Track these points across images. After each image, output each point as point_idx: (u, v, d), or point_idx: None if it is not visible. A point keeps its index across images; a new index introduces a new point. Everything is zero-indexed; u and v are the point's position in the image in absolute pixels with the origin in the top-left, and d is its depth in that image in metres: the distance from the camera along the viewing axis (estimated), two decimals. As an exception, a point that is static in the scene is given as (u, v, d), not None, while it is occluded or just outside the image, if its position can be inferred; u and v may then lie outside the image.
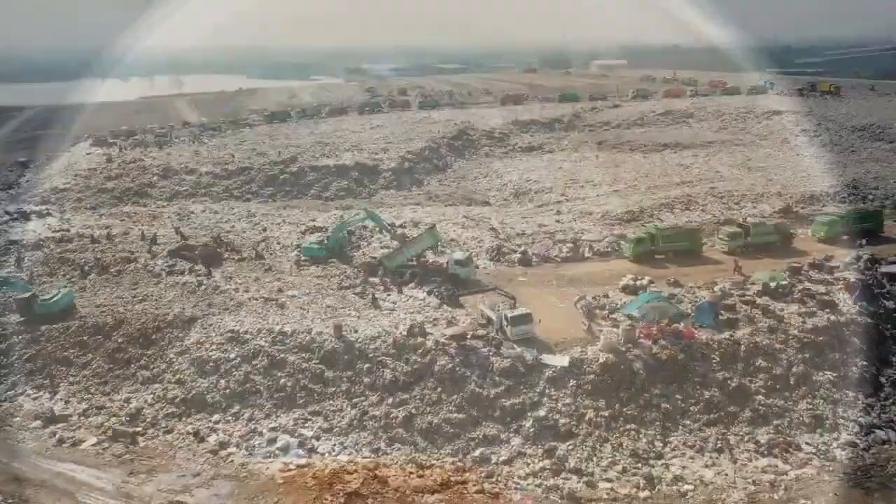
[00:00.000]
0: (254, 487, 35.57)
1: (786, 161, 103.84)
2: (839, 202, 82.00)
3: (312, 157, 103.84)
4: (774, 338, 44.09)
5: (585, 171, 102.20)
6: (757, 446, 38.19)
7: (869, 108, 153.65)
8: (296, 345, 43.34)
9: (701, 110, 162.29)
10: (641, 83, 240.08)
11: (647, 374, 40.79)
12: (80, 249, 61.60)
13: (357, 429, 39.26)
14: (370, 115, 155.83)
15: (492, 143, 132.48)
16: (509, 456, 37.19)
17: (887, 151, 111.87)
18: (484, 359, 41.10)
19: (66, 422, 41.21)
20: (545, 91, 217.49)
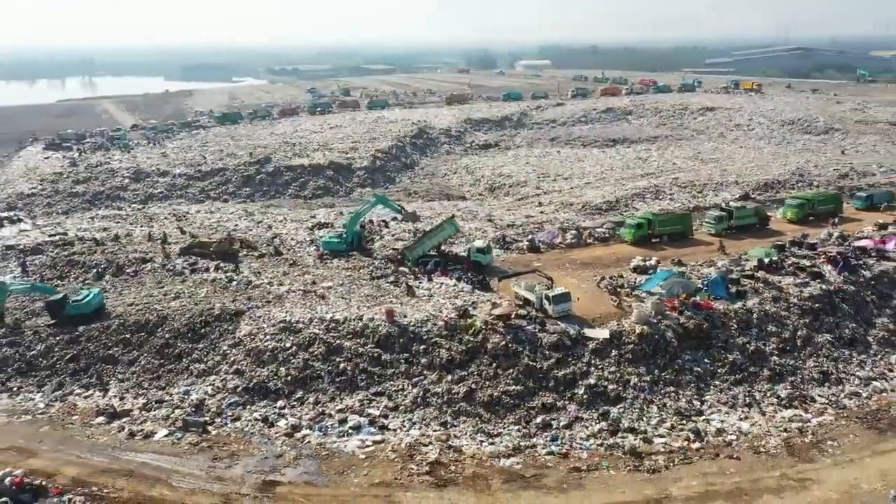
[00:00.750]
0: (339, 464, 37.54)
1: (733, 153, 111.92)
2: (789, 188, 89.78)
3: (285, 157, 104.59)
4: (779, 306, 49.39)
5: (552, 165, 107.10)
6: (779, 400, 43.00)
7: (791, 103, 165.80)
8: (349, 331, 45.32)
9: (639, 107, 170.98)
10: (574, 82, 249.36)
11: (678, 342, 45.10)
12: (88, 252, 61.08)
13: (422, 406, 41.67)
14: (323, 116, 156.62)
15: (450, 141, 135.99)
16: (568, 421, 40.51)
17: (817, 143, 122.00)
18: (532, 335, 44.34)
19: (129, 416, 41.80)
20: (487, 91, 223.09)
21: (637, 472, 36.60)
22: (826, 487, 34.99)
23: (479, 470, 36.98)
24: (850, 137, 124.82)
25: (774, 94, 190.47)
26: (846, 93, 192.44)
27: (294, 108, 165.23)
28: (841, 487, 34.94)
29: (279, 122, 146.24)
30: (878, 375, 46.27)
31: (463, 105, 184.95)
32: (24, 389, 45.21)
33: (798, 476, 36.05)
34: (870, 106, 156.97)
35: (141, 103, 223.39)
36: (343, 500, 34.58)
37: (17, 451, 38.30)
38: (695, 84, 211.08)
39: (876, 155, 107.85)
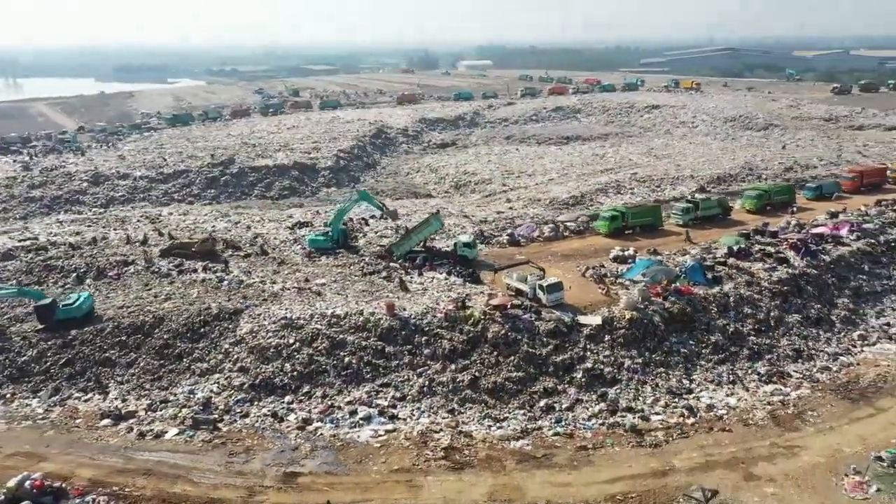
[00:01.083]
0: (355, 453, 38.51)
1: (684, 149, 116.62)
2: (740, 181, 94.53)
3: (248, 158, 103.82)
4: (752, 290, 52.71)
5: (514, 163, 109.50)
6: (759, 376, 46.09)
7: (731, 101, 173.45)
8: (351, 325, 46.23)
9: (587, 106, 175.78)
10: (520, 82, 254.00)
11: (664, 326, 47.74)
12: (65, 256, 59.86)
13: (428, 395, 42.97)
14: (277, 117, 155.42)
15: (408, 141, 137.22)
16: (570, 403, 42.50)
17: (759, 138, 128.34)
18: (529, 323, 46.21)
19: (135, 418, 41.69)
20: (436, 91, 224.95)
21: (640, 448, 38.83)
22: (813, 453, 37.95)
23: (492, 452, 38.56)
24: (788, 133, 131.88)
25: (713, 93, 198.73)
26: (779, 91, 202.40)
27: (245, 109, 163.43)
28: (826, 452, 37.95)
29: (233, 123, 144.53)
30: (843, 351, 49.94)
31: (414, 105, 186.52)
32: (18, 396, 44.47)
33: (786, 444, 38.95)
34: (803, 103, 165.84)
35: (78, 105, 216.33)
36: (366, 486, 35.59)
37: (26, 457, 37.88)
38: (638, 83, 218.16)
39: (815, 149, 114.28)
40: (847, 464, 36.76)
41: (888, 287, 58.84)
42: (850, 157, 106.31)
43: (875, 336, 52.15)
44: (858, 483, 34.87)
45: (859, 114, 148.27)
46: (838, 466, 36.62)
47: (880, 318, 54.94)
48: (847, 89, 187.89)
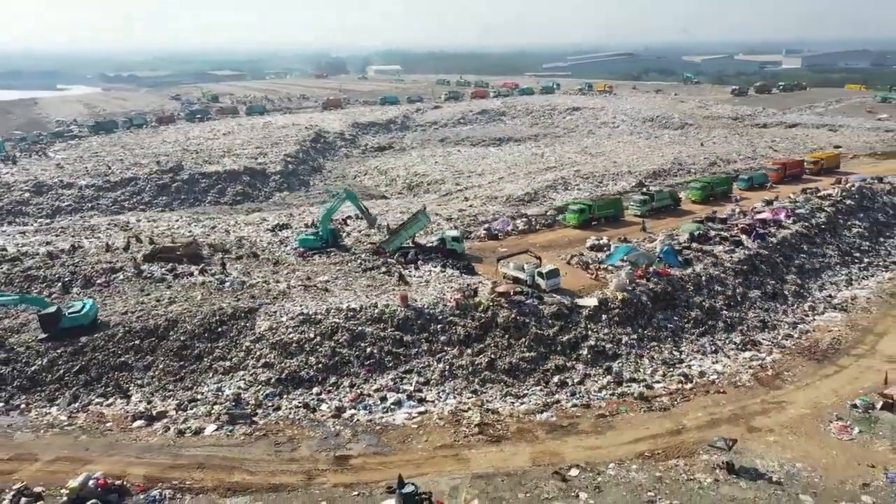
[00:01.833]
0: (396, 435, 40.75)
1: (615, 147, 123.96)
2: (672, 176, 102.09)
3: (196, 164, 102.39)
4: (718, 270, 58.48)
5: (460, 163, 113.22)
6: (735, 345, 51.60)
7: (644, 102, 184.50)
8: (368, 318, 48.25)
9: (511, 108, 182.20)
10: (439, 86, 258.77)
11: (651, 305, 52.51)
12: (44, 266, 58.39)
13: (450, 378, 45.69)
14: (207, 123, 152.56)
15: (346, 145, 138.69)
16: (580, 378, 46.34)
17: (678, 136, 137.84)
18: (534, 307, 49.76)
19: (167, 417, 42.19)
20: (356, 95, 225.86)
21: (651, 412, 43.09)
22: (798, 406, 43.40)
23: (522, 425, 41.78)
24: (703, 131, 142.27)
25: (625, 95, 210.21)
26: (683, 93, 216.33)
27: (170, 116, 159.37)
28: (808, 405, 43.50)
29: (163, 130, 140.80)
30: (799, 321, 56.39)
31: (341, 110, 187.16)
32: (34, 405, 43.82)
33: (774, 400, 44.30)
34: (709, 104, 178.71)
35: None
36: (417, 462, 37.95)
37: (69, 461, 37.85)
38: (554, 87, 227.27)
39: (730, 145, 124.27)
40: (829, 412, 42.38)
41: (824, 264, 66.37)
42: (763, 152, 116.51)
43: (822, 307, 59.03)
44: (843, 427, 40.44)
45: (761, 113, 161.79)
46: (822, 415, 42.17)
47: (823, 290, 62.09)
48: (745, 91, 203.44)
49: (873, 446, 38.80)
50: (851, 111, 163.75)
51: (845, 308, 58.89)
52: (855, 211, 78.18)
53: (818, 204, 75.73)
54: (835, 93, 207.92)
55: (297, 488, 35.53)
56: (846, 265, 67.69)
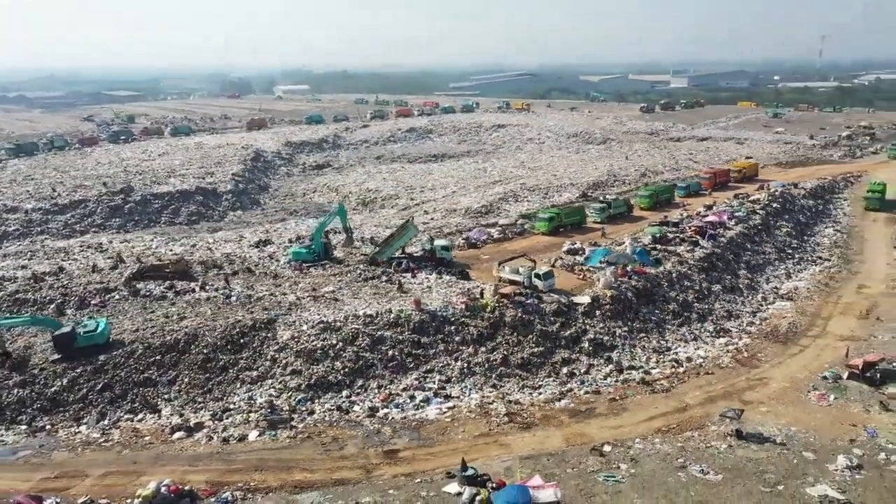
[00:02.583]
0: (433, 428, 43.33)
1: (550, 161, 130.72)
2: (609, 186, 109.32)
3: (145, 185, 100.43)
4: (684, 267, 64.53)
5: (408, 179, 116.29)
6: (710, 333, 57.42)
7: (563, 119, 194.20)
8: (385, 323, 50.57)
9: (438, 126, 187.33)
10: (358, 105, 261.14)
11: (636, 300, 57.60)
12: (32, 289, 57.05)
13: (469, 375, 48.69)
14: (135, 144, 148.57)
15: (285, 163, 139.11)
16: (586, 368, 50.50)
17: (604, 150, 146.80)
18: (535, 306, 53.66)
19: (206, 427, 42.96)
20: (277, 115, 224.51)
21: (655, 394, 47.72)
22: (778, 380, 49.27)
23: (545, 413, 45.34)
24: (625, 145, 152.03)
25: (542, 112, 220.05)
26: (596, 110, 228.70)
27: (93, 138, 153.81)
28: (786, 379, 49.45)
29: (90, 152, 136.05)
30: (756, 310, 63.14)
31: (266, 129, 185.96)
32: (60, 425, 43.45)
33: (756, 378, 50.02)
34: (623, 120, 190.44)
35: None
36: (462, 451, 40.58)
37: (122, 474, 38.16)
38: (473, 105, 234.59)
39: (653, 158, 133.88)
40: (805, 384, 48.46)
41: (766, 260, 74.08)
42: (685, 164, 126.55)
43: (771, 297, 66.21)
44: (821, 395, 46.47)
45: (672, 128, 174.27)
46: (800, 387, 48.16)
47: (769, 283, 69.51)
48: (652, 108, 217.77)
49: (849, 409, 44.92)
50: (750, 126, 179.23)
51: (791, 297, 66.29)
52: (781, 213, 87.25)
53: (751, 207, 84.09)
54: (730, 109, 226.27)
55: (360, 481, 37.48)
56: (782, 260, 75.78)
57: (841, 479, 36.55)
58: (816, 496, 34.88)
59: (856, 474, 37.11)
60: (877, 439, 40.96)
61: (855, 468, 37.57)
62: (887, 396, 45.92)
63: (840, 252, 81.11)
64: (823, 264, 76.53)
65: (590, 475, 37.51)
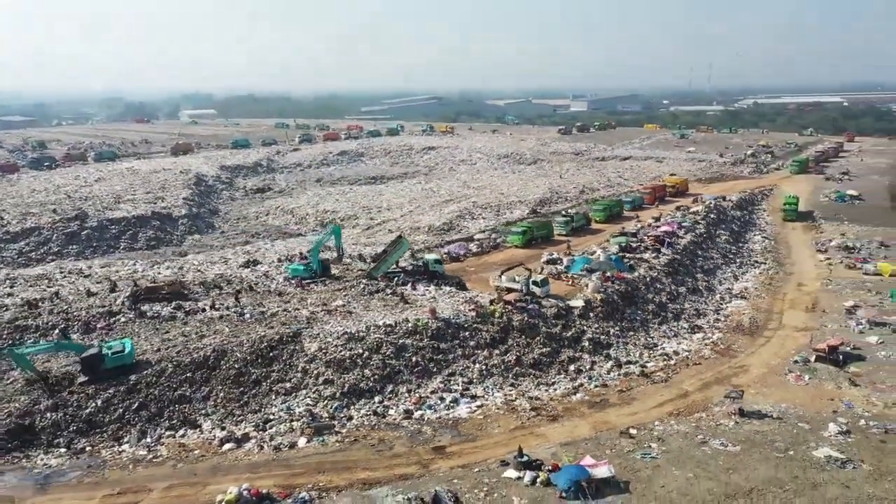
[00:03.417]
0: (468, 426, 46.29)
1: (491, 181, 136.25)
2: (554, 203, 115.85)
3: (98, 212, 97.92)
4: (654, 272, 70.66)
5: (362, 200, 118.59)
6: (686, 330, 63.45)
7: (490, 141, 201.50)
8: (405, 331, 53.21)
9: (369, 150, 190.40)
10: (278, 129, 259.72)
11: (622, 302, 62.90)
12: (31, 316, 55.84)
13: (487, 376, 52.11)
14: (60, 170, 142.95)
15: (226, 187, 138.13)
16: (589, 365, 55.03)
17: (537, 169, 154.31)
18: (537, 311, 57.85)
19: (253, 438, 44.17)
20: (196, 139, 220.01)
21: (656, 384, 52.74)
22: (756, 367, 55.49)
23: (566, 406, 49.33)
24: (555, 165, 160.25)
25: (466, 135, 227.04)
26: (516, 133, 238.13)
27: (13, 165, 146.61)
28: (764, 365, 55.78)
29: (17, 179, 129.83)
30: (717, 308, 69.96)
31: (192, 154, 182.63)
32: (101, 446, 43.49)
33: (738, 365, 56.10)
34: (547, 142, 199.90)
35: None
36: (504, 442, 43.93)
37: (187, 486, 38.93)
38: (399, 129, 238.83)
39: (585, 176, 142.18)
40: (780, 368, 54.89)
41: (715, 264, 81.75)
42: (617, 181, 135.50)
43: (727, 297, 73.39)
44: (797, 376, 52.91)
45: (594, 148, 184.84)
46: (777, 371, 54.54)
47: (722, 284, 76.89)
48: (570, 130, 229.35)
49: (824, 387, 51.49)
50: (663, 145, 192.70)
51: (744, 296, 73.76)
52: (718, 223, 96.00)
53: (694, 218, 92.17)
54: (639, 131, 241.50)
55: (422, 475, 39.95)
56: (727, 264, 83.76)
57: (836, 443, 42.35)
58: (822, 457, 40.39)
59: (847, 438, 43.04)
60: (854, 409, 47.45)
61: (845, 433, 43.56)
62: (852, 374, 52.86)
63: (772, 256, 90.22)
64: (761, 267, 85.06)
65: (627, 454, 41.61)
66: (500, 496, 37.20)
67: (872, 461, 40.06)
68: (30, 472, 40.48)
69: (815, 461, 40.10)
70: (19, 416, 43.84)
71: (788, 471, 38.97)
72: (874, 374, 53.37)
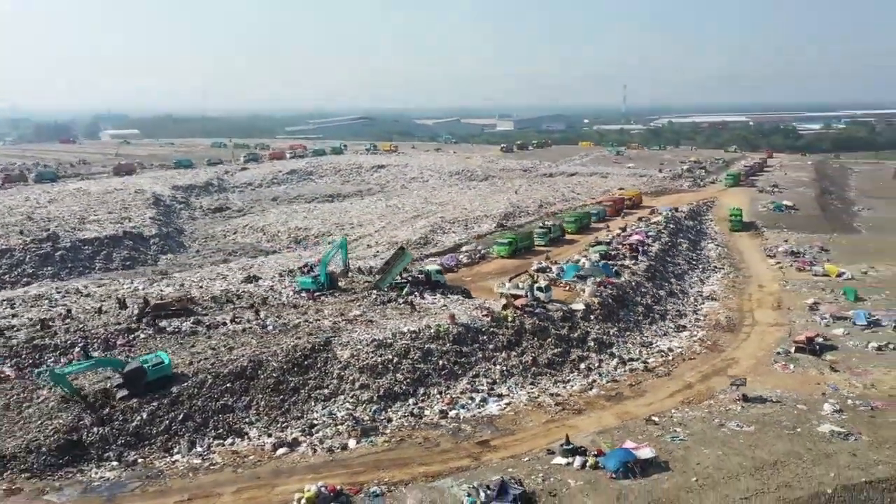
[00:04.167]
0: (503, 421, 49.05)
1: (452, 197, 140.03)
2: (517, 217, 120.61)
3: (67, 233, 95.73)
4: (636, 277, 75.73)
5: (330, 217, 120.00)
6: (673, 329, 68.52)
7: (438, 159, 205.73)
8: (428, 337, 55.76)
9: (318, 168, 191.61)
10: (215, 149, 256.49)
11: (616, 305, 67.44)
12: (47, 335, 55.31)
13: (508, 376, 55.25)
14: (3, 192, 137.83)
15: (183, 207, 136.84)
16: (597, 363, 59.01)
17: (491, 186, 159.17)
18: (545, 314, 61.55)
19: (304, 443, 45.69)
20: (136, 159, 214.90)
21: (661, 378, 57.17)
22: (746, 359, 60.80)
23: (586, 399, 53.03)
24: (507, 181, 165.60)
25: (410, 153, 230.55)
26: (459, 151, 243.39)
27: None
28: (751, 357, 61.16)
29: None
30: (695, 309, 75.59)
31: (135, 174, 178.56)
32: (153, 457, 44.11)
33: (728, 359, 61.31)
34: (493, 159, 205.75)
35: None
36: (542, 434, 47.01)
37: (255, 488, 40.19)
38: (342, 147, 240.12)
39: (538, 192, 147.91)
40: (766, 359, 60.40)
41: (683, 270, 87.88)
42: (570, 196, 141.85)
43: (700, 299, 79.28)
44: (783, 365, 58.45)
45: (540, 165, 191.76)
46: (763, 362, 59.97)
47: (692, 288, 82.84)
48: (511, 148, 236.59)
49: (808, 373, 57.11)
50: (603, 162, 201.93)
51: (715, 298, 79.83)
52: (677, 233, 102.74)
53: (657, 228, 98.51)
54: (575, 149, 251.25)
55: (477, 466, 42.52)
56: (693, 270, 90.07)
57: (834, 420, 47.50)
58: (826, 432, 45.36)
59: (842, 415, 48.30)
60: (840, 391, 53.07)
61: (838, 411, 48.86)
62: (830, 361, 58.84)
63: (728, 262, 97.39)
64: (721, 272, 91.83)
65: (658, 438, 45.42)
66: (556, 480, 40.13)
67: (869, 433, 45.26)
68: (89, 486, 40.74)
69: (822, 435, 44.97)
70: (66, 431, 43.85)
71: (802, 444, 43.63)
72: (848, 360, 59.44)
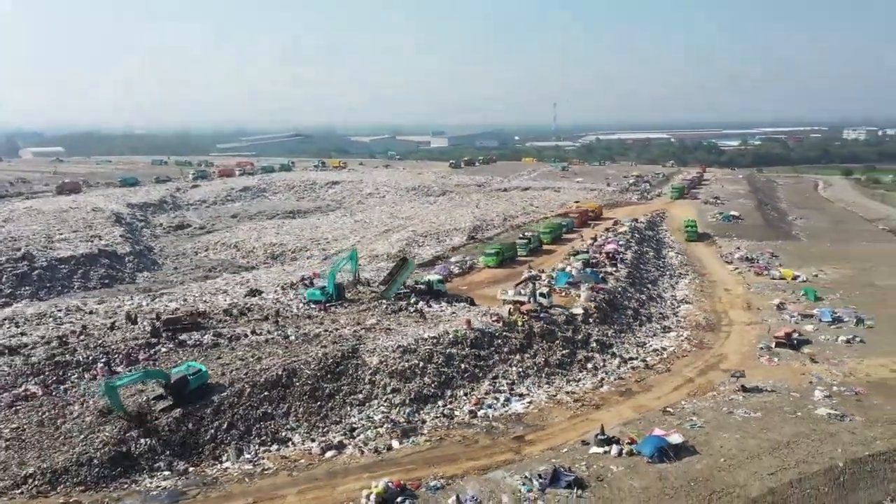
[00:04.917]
0: (529, 418, 51.70)
1: (416, 212, 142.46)
2: (485, 230, 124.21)
3: (40, 251, 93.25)
4: (620, 282, 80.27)
5: (303, 232, 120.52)
6: (660, 330, 73.18)
7: (392, 175, 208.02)
8: (447, 342, 58.17)
9: (271, 185, 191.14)
10: (154, 166, 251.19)
11: (609, 309, 71.57)
12: (67, 353, 54.83)
13: (524, 377, 58.27)
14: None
15: (144, 225, 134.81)
16: (603, 362, 62.78)
17: (448, 200, 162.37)
18: (551, 319, 64.99)
19: (349, 445, 47.32)
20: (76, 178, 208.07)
21: (662, 374, 61.30)
22: (733, 355, 65.70)
23: (601, 396, 56.57)
24: (465, 196, 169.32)
25: (359, 170, 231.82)
26: (408, 167, 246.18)
27: None
28: (737, 353, 66.10)
29: None
30: (674, 312, 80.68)
31: (77, 193, 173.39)
32: (203, 465, 44.92)
33: (717, 354, 66.17)
34: (446, 175, 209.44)
35: None
36: (570, 427, 50.11)
37: (316, 489, 41.60)
38: (290, 164, 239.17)
39: (498, 206, 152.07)
40: (751, 354, 65.55)
41: (655, 276, 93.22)
42: (529, 210, 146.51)
43: (676, 302, 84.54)
44: (769, 359, 63.66)
45: (492, 180, 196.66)
46: (750, 357, 65.01)
47: (667, 292, 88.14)
48: (459, 164, 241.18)
49: (792, 365, 62.45)
50: (551, 177, 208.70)
51: (689, 301, 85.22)
52: (641, 242, 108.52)
53: (626, 237, 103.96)
54: (520, 165, 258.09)
55: (521, 459, 45.17)
56: (661, 276, 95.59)
57: (828, 404, 52.55)
58: (824, 414, 50.20)
59: (833, 400, 53.46)
60: (824, 379, 58.42)
61: (829, 397, 54.02)
62: (809, 354, 64.42)
63: (691, 268, 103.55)
64: (688, 277, 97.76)
65: (679, 426, 49.30)
66: (599, 467, 43.16)
67: (860, 414, 50.35)
68: (147, 495, 41.27)
69: (821, 418, 49.76)
70: (115, 444, 44.16)
71: (806, 426, 48.23)
72: (823, 353, 65.18)
